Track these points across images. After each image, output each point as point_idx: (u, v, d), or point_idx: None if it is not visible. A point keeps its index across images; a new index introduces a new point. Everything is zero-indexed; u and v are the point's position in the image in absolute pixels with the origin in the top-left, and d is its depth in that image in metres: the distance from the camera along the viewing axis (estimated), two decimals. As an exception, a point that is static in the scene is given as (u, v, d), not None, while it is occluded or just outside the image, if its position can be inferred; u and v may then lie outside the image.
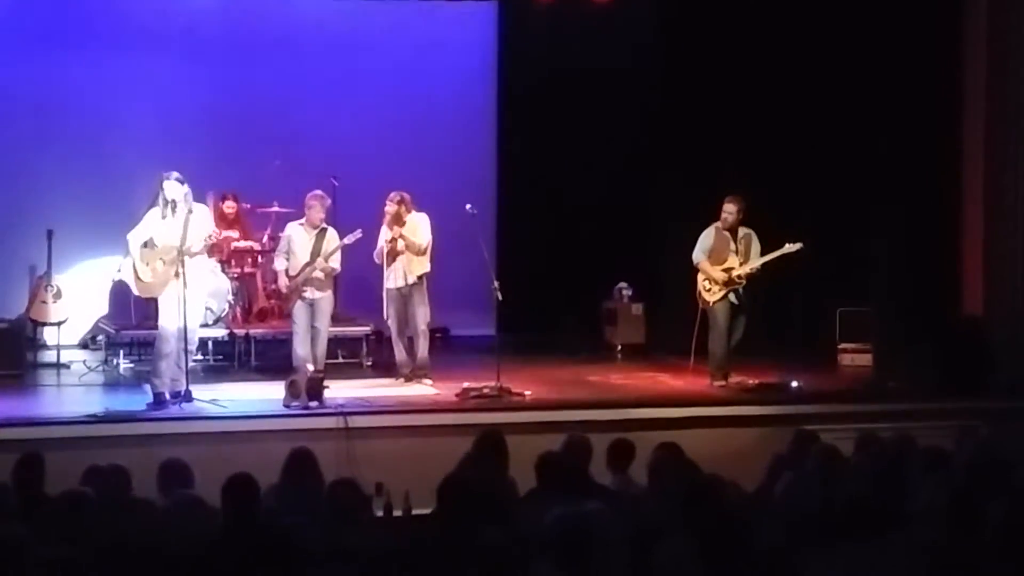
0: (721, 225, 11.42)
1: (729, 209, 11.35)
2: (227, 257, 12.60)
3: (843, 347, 12.96)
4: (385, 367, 12.06)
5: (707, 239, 11.47)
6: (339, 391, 10.47)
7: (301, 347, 11.12)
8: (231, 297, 12.35)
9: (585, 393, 11.17)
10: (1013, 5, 12.68)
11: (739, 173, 12.44)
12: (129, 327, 12.32)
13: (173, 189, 10.02)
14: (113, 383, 11.71)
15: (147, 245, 10.11)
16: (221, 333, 12.28)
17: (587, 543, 4.84)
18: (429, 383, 11.28)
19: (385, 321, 11.54)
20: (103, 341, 12.85)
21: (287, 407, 10.05)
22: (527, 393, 10.72)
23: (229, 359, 12.38)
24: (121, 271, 11.68)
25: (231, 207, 13.10)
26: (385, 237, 11.32)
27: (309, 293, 11.18)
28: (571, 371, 12.27)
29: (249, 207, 13.33)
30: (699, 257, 11.43)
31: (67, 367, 12.38)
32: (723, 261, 11.35)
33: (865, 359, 12.71)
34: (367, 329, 12.63)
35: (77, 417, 9.72)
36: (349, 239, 11.19)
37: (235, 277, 12.70)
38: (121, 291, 12.28)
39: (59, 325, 12.96)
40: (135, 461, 6.88)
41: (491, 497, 6.06)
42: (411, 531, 6.35)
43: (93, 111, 13.81)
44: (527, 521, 5.76)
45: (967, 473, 6.38)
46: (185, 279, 9.89)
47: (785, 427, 9.37)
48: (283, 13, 14.36)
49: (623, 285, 14.02)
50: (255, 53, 14.25)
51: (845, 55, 13.20)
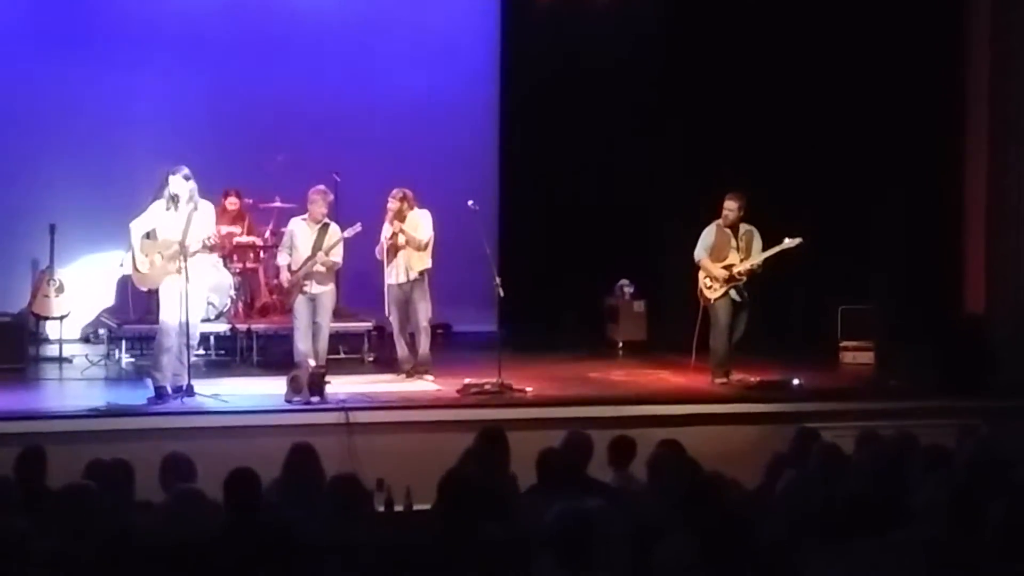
0: (722, 222, 11.39)
1: (730, 206, 11.33)
2: (229, 252, 12.61)
3: (844, 345, 12.94)
4: (387, 363, 12.06)
5: (708, 236, 11.45)
6: (341, 386, 10.45)
7: (303, 342, 11.11)
8: (233, 292, 12.38)
9: (586, 390, 11.16)
10: (1015, 5, 12.70)
11: (741, 171, 12.43)
12: (131, 321, 12.34)
13: (177, 184, 10.02)
14: (115, 377, 11.72)
15: (148, 236, 10.13)
16: (223, 328, 12.28)
17: (587, 540, 4.83)
18: (430, 379, 11.28)
19: (387, 317, 11.54)
20: (105, 335, 12.87)
21: (289, 402, 10.06)
22: (528, 389, 10.71)
23: (231, 354, 12.39)
24: (123, 264, 11.70)
25: (234, 203, 13.16)
26: (386, 233, 11.34)
27: (311, 288, 11.17)
28: (572, 368, 12.26)
29: (251, 203, 13.36)
30: (700, 254, 11.42)
31: (69, 361, 12.37)
32: (724, 258, 11.33)
33: (866, 357, 12.74)
34: (369, 325, 12.62)
35: (79, 411, 9.74)
36: (349, 232, 11.18)
37: (237, 272, 12.71)
38: (123, 285, 12.31)
39: (61, 319, 12.95)
40: (137, 455, 6.86)
41: (492, 493, 6.05)
42: (412, 526, 6.35)
43: (96, 106, 13.81)
44: (528, 517, 5.77)
45: (968, 471, 6.39)
46: (187, 274, 9.91)
47: (786, 425, 9.40)
48: (286, 9, 14.39)
49: (625, 282, 14.00)
50: (258, 49, 14.24)
51: (847, 54, 13.23)
